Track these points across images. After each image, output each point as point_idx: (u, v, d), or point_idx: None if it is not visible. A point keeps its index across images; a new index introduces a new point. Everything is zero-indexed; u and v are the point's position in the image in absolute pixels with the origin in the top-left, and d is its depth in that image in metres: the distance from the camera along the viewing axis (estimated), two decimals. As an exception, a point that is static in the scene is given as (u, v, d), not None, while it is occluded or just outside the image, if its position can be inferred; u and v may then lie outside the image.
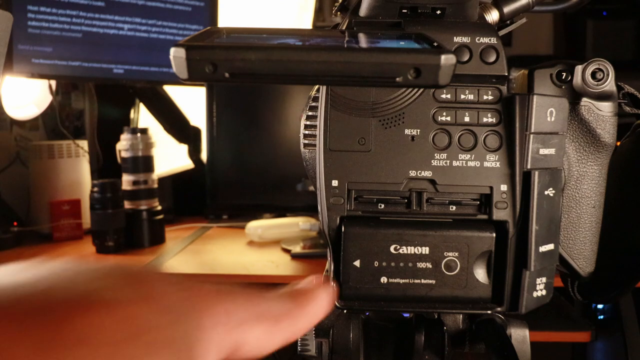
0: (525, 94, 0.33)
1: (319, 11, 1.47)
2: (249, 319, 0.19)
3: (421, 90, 0.33)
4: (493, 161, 0.33)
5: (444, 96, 0.33)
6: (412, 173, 0.33)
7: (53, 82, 1.47)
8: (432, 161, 0.33)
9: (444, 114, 0.33)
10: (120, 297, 0.15)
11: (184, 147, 1.64)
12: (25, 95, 1.45)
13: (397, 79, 0.21)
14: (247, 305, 0.19)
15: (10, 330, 0.14)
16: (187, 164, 1.66)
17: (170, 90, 1.61)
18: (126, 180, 1.33)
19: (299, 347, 0.40)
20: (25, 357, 0.13)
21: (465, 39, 0.34)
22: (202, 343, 0.17)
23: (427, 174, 0.33)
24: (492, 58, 0.34)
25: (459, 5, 0.34)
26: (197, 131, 1.63)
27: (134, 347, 0.15)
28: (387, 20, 0.34)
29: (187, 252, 1.29)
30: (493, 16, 0.38)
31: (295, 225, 1.34)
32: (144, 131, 1.34)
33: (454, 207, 0.34)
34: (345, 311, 0.40)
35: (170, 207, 1.62)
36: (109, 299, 0.15)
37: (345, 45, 0.25)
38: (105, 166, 1.58)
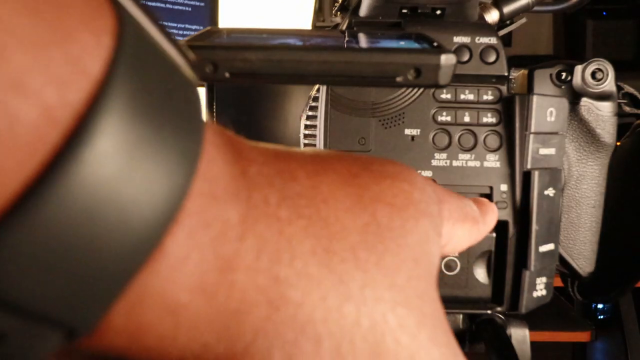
0: (525, 94, 0.33)
1: (319, 11, 1.47)
2: (461, 219, 0.22)
3: (421, 90, 0.33)
4: (493, 161, 0.33)
5: (444, 96, 0.33)
6: None
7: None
8: (432, 161, 0.33)
9: (444, 113, 0.33)
10: (399, 176, 0.19)
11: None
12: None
13: (397, 79, 0.21)
14: (459, 206, 0.22)
15: (336, 182, 0.18)
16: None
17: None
18: (126, 180, 1.32)
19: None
20: (344, 201, 0.17)
21: (465, 39, 0.34)
22: (442, 228, 0.20)
23: (427, 173, 0.33)
24: (492, 58, 0.34)
25: (459, 5, 0.34)
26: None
27: (409, 212, 0.18)
28: (387, 20, 0.34)
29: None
30: (493, 16, 0.38)
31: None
32: (144, 131, 1.34)
33: (454, 207, 0.34)
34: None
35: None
36: (393, 174, 0.19)
37: (346, 46, 0.25)
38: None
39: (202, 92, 1.44)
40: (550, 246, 0.34)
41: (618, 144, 0.40)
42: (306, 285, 0.16)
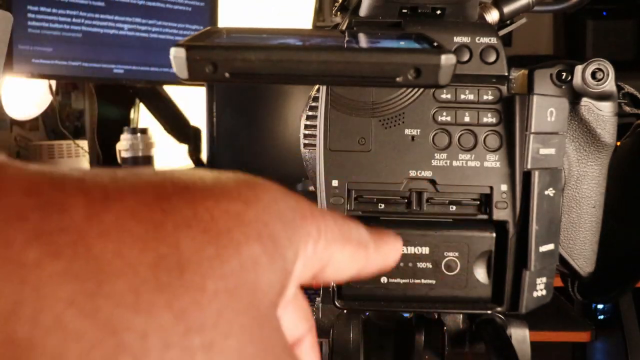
0: (525, 94, 0.33)
1: (319, 11, 1.47)
2: (338, 240, 0.19)
3: (421, 90, 0.33)
4: (493, 161, 0.33)
5: (444, 96, 0.33)
6: (412, 173, 0.33)
7: (53, 82, 1.47)
8: (432, 161, 0.33)
9: (444, 113, 0.33)
10: (231, 195, 0.16)
11: (184, 147, 1.64)
12: (25, 95, 1.45)
13: (397, 79, 0.21)
14: (338, 225, 0.19)
15: (130, 208, 0.15)
16: (187, 164, 1.66)
17: (170, 90, 1.61)
18: (126, 180, 1.32)
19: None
20: (135, 232, 0.14)
21: (465, 39, 0.34)
22: (301, 251, 0.18)
23: (427, 173, 0.33)
24: (492, 58, 0.34)
25: (459, 5, 0.34)
26: (197, 131, 1.63)
27: (232, 236, 0.15)
28: (387, 20, 0.34)
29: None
30: (493, 16, 0.38)
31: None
32: (144, 131, 1.34)
33: (454, 207, 0.34)
34: (345, 311, 0.40)
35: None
36: (223, 192, 0.16)
37: (346, 45, 0.25)
38: (106, 166, 1.58)
39: (202, 92, 1.43)
40: (550, 246, 0.34)
41: (618, 144, 0.40)
42: (60, 340, 0.13)
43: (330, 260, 0.19)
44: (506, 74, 0.34)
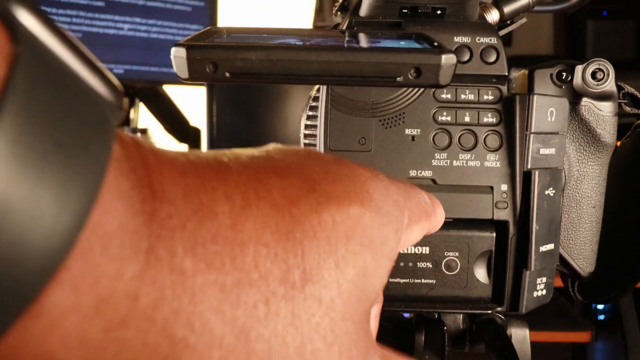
0: (525, 94, 0.33)
1: (319, 11, 1.47)
2: (416, 219, 0.21)
3: (421, 90, 0.33)
4: (493, 161, 0.33)
5: (444, 96, 0.33)
6: (413, 173, 0.33)
7: (53, 82, 1.47)
8: (433, 161, 0.33)
9: (445, 113, 0.33)
10: (350, 196, 0.18)
11: (184, 147, 1.64)
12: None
13: (398, 78, 0.21)
14: (417, 204, 0.21)
15: (266, 216, 0.16)
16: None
17: (171, 90, 1.61)
18: (126, 180, 1.32)
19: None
20: (269, 242, 0.16)
21: (466, 39, 0.34)
22: (399, 242, 0.19)
23: (428, 173, 0.33)
24: (493, 58, 0.34)
25: (459, 5, 0.34)
26: (197, 131, 1.63)
27: (349, 245, 0.17)
28: (388, 20, 0.34)
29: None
30: (493, 16, 0.38)
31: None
32: (144, 131, 1.34)
33: (454, 207, 0.34)
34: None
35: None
36: (341, 196, 0.17)
37: (346, 45, 0.25)
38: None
39: (202, 91, 1.44)
40: (550, 246, 0.34)
41: (618, 144, 0.40)
42: (206, 345, 0.15)
43: (407, 238, 0.21)
44: (506, 74, 0.34)
